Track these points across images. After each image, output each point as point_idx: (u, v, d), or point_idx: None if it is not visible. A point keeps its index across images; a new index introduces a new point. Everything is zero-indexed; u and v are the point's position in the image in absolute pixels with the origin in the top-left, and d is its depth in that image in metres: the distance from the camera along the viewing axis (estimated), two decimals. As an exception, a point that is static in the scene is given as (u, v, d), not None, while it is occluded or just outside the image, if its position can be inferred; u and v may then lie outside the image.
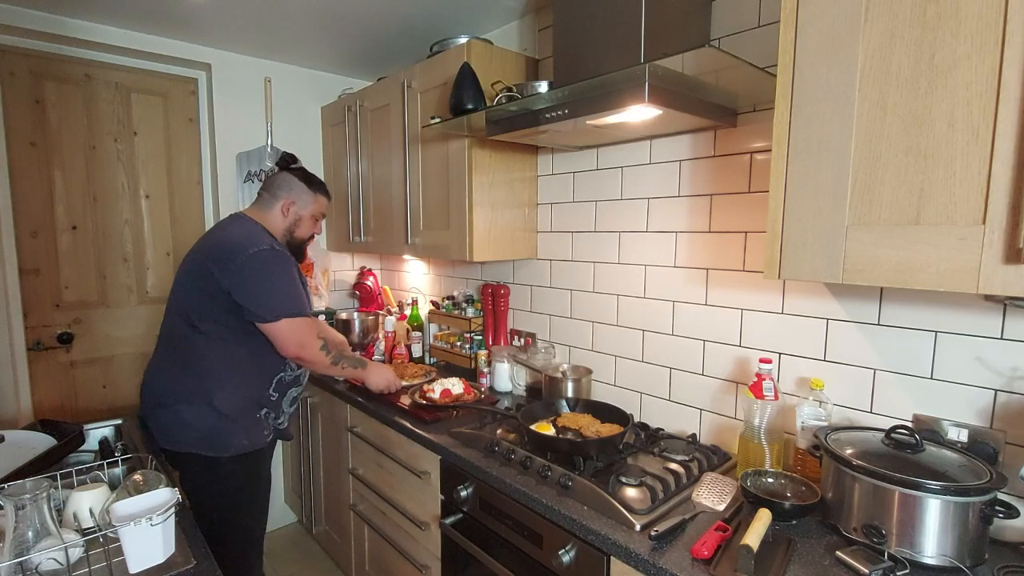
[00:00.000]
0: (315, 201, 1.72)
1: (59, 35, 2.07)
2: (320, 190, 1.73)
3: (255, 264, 1.48)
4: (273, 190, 1.67)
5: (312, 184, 1.72)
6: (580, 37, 1.42)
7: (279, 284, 1.52)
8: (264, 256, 1.50)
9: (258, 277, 1.49)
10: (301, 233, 1.72)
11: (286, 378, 1.68)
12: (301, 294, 1.58)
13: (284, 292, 1.52)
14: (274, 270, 1.51)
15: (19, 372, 2.06)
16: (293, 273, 1.57)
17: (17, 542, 0.90)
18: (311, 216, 1.72)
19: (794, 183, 1.00)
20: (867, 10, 0.89)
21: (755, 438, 1.29)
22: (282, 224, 1.67)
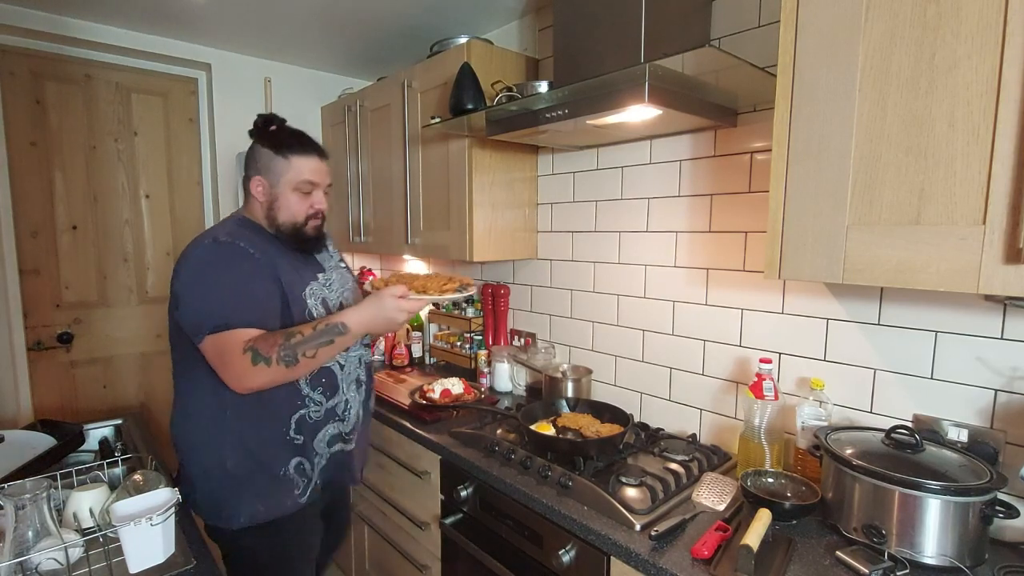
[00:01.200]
0: (289, 167, 1.26)
1: (59, 35, 2.07)
2: (295, 150, 1.27)
3: (183, 266, 1.18)
4: (245, 168, 1.32)
5: (281, 147, 1.26)
6: (580, 37, 1.42)
7: (202, 289, 1.15)
8: (195, 255, 1.18)
9: (183, 282, 1.16)
10: (285, 215, 1.28)
11: (311, 415, 1.28)
12: (238, 296, 1.16)
13: (208, 297, 1.14)
14: (203, 269, 1.16)
15: (19, 372, 2.06)
16: (233, 269, 1.17)
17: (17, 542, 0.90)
18: (291, 188, 1.27)
19: (794, 183, 1.00)
20: (867, 10, 0.89)
21: (755, 438, 1.29)
22: (260, 208, 1.30)
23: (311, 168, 1.29)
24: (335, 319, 1.20)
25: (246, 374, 1.12)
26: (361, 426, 1.43)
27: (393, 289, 1.24)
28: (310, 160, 1.29)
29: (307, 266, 1.34)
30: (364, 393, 1.44)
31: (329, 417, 1.32)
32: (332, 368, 1.32)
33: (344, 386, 1.35)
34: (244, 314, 1.15)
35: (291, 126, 1.33)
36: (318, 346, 1.18)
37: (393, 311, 1.23)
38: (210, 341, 1.13)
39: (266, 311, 1.19)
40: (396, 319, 1.24)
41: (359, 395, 1.41)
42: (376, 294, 1.24)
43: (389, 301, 1.23)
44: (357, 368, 1.40)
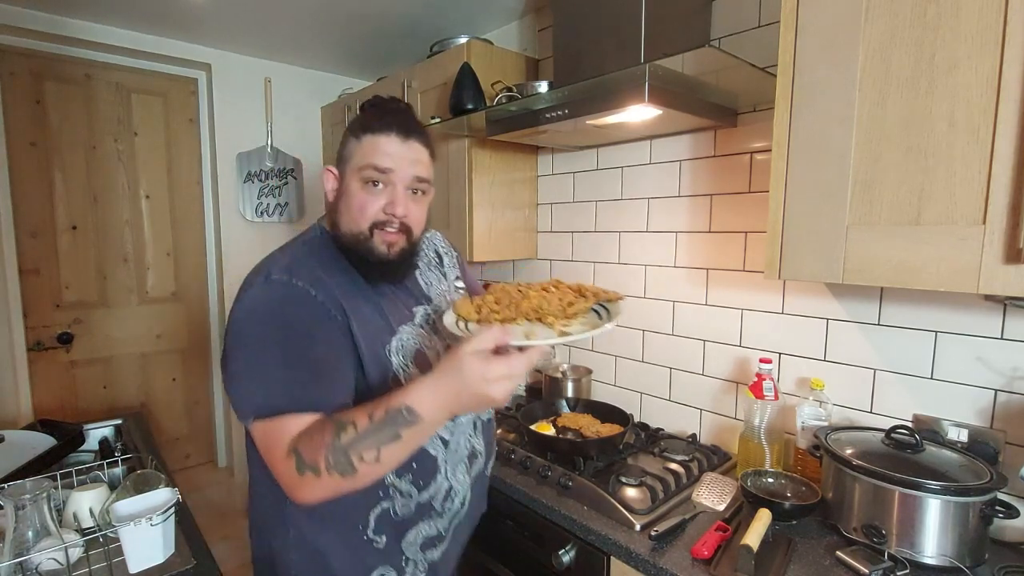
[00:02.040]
0: (358, 147, 0.88)
1: (59, 35, 2.07)
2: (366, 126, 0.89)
3: (232, 317, 0.84)
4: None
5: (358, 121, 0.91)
6: (580, 37, 1.42)
7: (244, 355, 0.81)
8: (245, 301, 0.83)
9: (228, 341, 0.83)
10: (346, 220, 0.89)
11: (396, 510, 0.91)
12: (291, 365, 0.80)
13: (250, 368, 0.80)
14: (247, 324, 0.82)
15: (19, 372, 2.06)
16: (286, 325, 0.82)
17: (17, 542, 0.90)
18: (359, 177, 0.88)
19: (794, 183, 1.00)
20: (867, 10, 0.89)
21: (755, 438, 1.29)
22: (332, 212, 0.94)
23: (383, 148, 0.86)
24: (397, 400, 0.74)
25: (294, 486, 0.76)
26: (466, 517, 1.02)
27: (478, 341, 0.72)
28: (383, 138, 0.87)
29: (398, 300, 0.95)
30: (479, 467, 1.03)
31: (422, 513, 0.93)
32: (428, 447, 0.92)
33: (448, 469, 0.95)
34: (298, 393, 0.78)
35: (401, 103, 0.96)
36: (379, 445, 0.74)
37: (479, 382, 0.70)
38: (256, 430, 0.80)
39: (332, 384, 0.82)
40: (490, 395, 0.71)
41: (469, 476, 0.99)
42: (453, 356, 0.73)
43: (471, 366, 0.70)
44: (470, 439, 0.99)
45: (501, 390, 0.71)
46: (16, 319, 2.04)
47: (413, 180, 0.90)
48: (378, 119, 0.89)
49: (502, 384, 0.71)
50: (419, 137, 0.91)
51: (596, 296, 0.86)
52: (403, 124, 0.89)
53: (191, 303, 2.57)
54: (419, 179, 0.91)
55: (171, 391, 2.54)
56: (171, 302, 2.51)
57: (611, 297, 0.87)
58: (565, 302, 0.83)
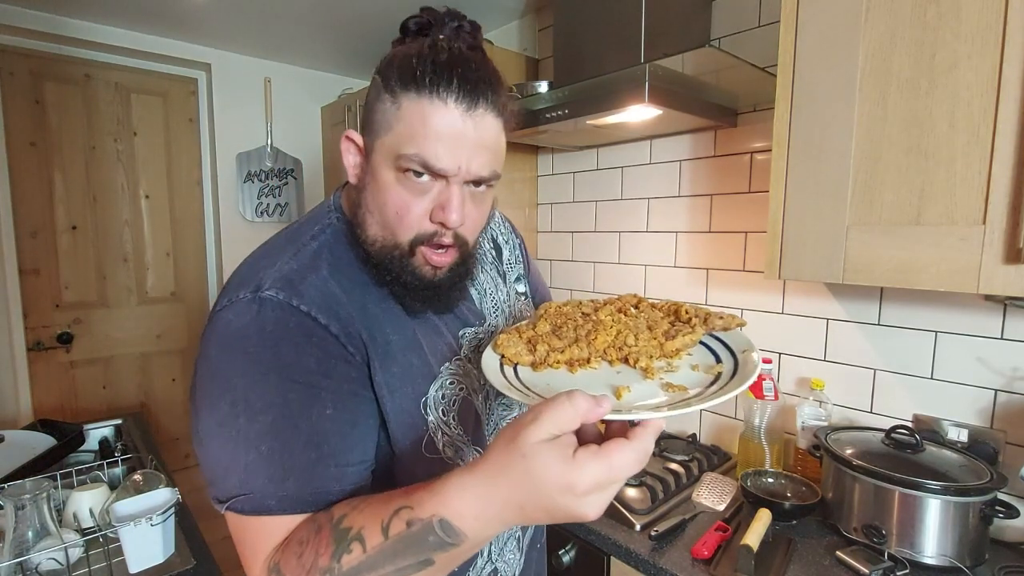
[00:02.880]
0: (396, 118, 0.56)
1: (59, 35, 2.07)
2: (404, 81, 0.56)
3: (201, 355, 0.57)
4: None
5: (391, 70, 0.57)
6: (580, 37, 1.42)
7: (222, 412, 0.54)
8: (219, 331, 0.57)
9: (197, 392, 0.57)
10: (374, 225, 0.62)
11: None
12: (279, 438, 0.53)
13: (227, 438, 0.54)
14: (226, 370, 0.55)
15: (19, 372, 2.06)
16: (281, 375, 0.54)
17: (17, 542, 0.90)
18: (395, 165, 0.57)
19: (794, 183, 1.00)
20: (867, 10, 0.89)
21: (755, 438, 1.29)
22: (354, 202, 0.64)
23: (441, 128, 0.55)
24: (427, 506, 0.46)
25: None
26: None
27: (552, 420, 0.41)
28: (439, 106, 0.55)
29: (441, 326, 0.68)
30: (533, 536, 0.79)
31: None
32: None
33: (493, 550, 0.72)
34: (290, 484, 0.53)
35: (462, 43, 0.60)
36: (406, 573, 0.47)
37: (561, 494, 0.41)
38: (229, 520, 0.55)
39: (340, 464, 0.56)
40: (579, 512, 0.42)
41: (521, 551, 0.76)
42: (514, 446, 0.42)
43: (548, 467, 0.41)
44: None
45: (596, 504, 0.43)
46: (16, 319, 2.04)
47: (477, 175, 0.58)
48: (434, 73, 0.55)
49: (597, 496, 0.42)
50: (490, 104, 0.57)
51: (706, 323, 0.57)
52: (469, 82, 0.55)
53: (191, 303, 2.57)
54: (488, 177, 0.60)
55: (171, 391, 2.54)
56: (171, 302, 2.51)
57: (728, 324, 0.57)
58: (659, 332, 0.56)
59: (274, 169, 2.61)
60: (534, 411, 0.42)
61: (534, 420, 0.42)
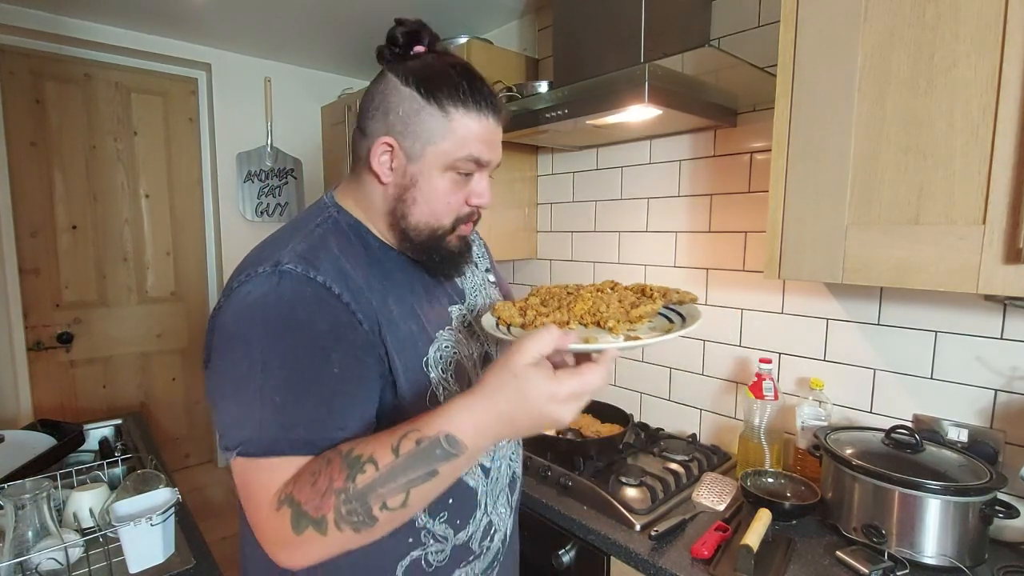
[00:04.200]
0: (448, 130, 0.70)
1: (59, 35, 2.07)
2: (454, 99, 0.70)
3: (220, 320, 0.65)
4: (362, 117, 0.75)
5: (437, 87, 0.70)
6: (580, 37, 1.42)
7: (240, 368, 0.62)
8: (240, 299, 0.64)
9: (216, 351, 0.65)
10: (423, 213, 0.73)
11: (429, 558, 0.74)
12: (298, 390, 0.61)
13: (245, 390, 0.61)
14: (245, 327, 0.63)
15: (19, 372, 2.06)
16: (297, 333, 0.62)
17: (17, 542, 0.90)
18: (443, 168, 0.71)
19: (794, 183, 1.00)
20: (867, 10, 0.89)
21: (755, 438, 1.29)
22: (382, 198, 0.74)
23: (483, 135, 0.71)
24: (433, 427, 0.57)
25: (284, 545, 0.59)
26: (508, 553, 0.87)
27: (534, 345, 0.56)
28: (482, 120, 0.71)
29: (434, 299, 0.78)
30: (518, 495, 0.90)
31: (458, 559, 0.77)
32: (467, 479, 0.76)
33: (488, 502, 0.80)
34: (302, 430, 0.60)
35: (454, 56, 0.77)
36: (408, 487, 0.57)
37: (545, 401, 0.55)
38: (236, 466, 0.61)
39: (347, 418, 0.64)
40: (557, 416, 0.56)
41: (509, 506, 0.85)
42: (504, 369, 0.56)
43: (535, 382, 0.55)
44: (511, 463, 0.86)
45: (571, 410, 0.56)
46: (16, 319, 2.04)
47: (497, 163, 0.76)
48: (473, 92, 0.71)
49: (573, 404, 0.56)
50: (505, 114, 0.76)
51: (665, 296, 0.70)
52: (497, 103, 0.73)
53: (191, 303, 2.57)
54: (497, 165, 0.77)
55: (171, 391, 2.54)
56: (171, 302, 2.52)
57: (683, 298, 0.70)
58: (627, 303, 0.69)
59: (274, 169, 2.61)
60: (517, 343, 0.56)
61: (519, 349, 0.56)
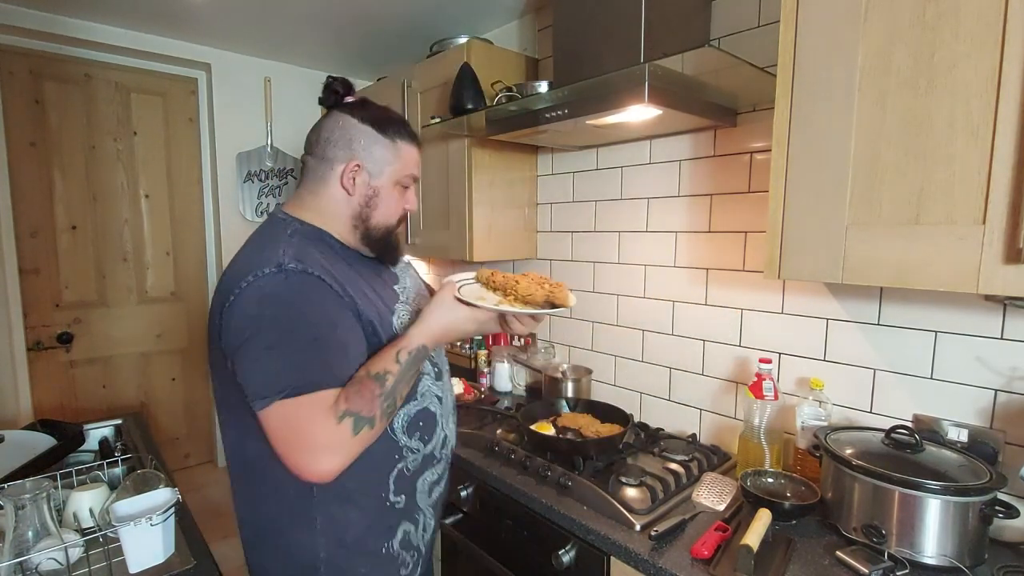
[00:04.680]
0: (397, 156, 0.98)
1: (59, 35, 2.07)
2: (402, 134, 0.99)
3: (240, 307, 0.82)
4: (322, 147, 0.97)
5: (386, 127, 0.97)
6: (580, 37, 1.42)
7: (273, 336, 0.81)
8: (255, 290, 0.82)
9: (242, 329, 0.82)
10: (381, 217, 0.99)
11: (408, 467, 0.98)
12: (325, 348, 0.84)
13: (286, 351, 0.81)
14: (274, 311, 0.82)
15: (19, 372, 2.06)
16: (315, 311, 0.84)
17: (17, 542, 0.90)
18: (394, 183, 0.99)
19: (794, 183, 1.00)
20: (867, 10, 0.89)
21: (755, 438, 1.29)
22: (348, 207, 0.97)
23: (416, 159, 1.02)
24: (414, 342, 0.89)
25: (340, 448, 0.79)
26: (451, 455, 1.13)
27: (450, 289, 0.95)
28: (415, 149, 1.02)
29: (384, 282, 1.03)
30: (456, 416, 1.18)
31: (426, 464, 1.01)
32: (429, 406, 1.01)
33: (443, 421, 1.06)
34: (336, 370, 0.83)
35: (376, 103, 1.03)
36: (408, 383, 0.89)
37: (465, 321, 0.93)
38: (279, 409, 0.78)
39: (355, 364, 0.86)
40: (469, 329, 0.95)
41: (453, 422, 1.13)
42: (446, 300, 0.93)
43: (462, 309, 0.93)
44: (451, 395, 1.13)
45: (475, 327, 0.95)
46: (16, 319, 2.04)
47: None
48: (403, 126, 1.00)
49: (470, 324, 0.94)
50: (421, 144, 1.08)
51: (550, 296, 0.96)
52: (418, 135, 1.04)
53: (191, 303, 2.57)
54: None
55: (171, 391, 2.54)
56: (171, 302, 2.52)
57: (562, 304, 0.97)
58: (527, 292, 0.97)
59: (274, 169, 2.61)
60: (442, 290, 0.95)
61: (440, 293, 0.95)
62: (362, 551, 0.94)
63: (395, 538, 0.98)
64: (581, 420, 1.51)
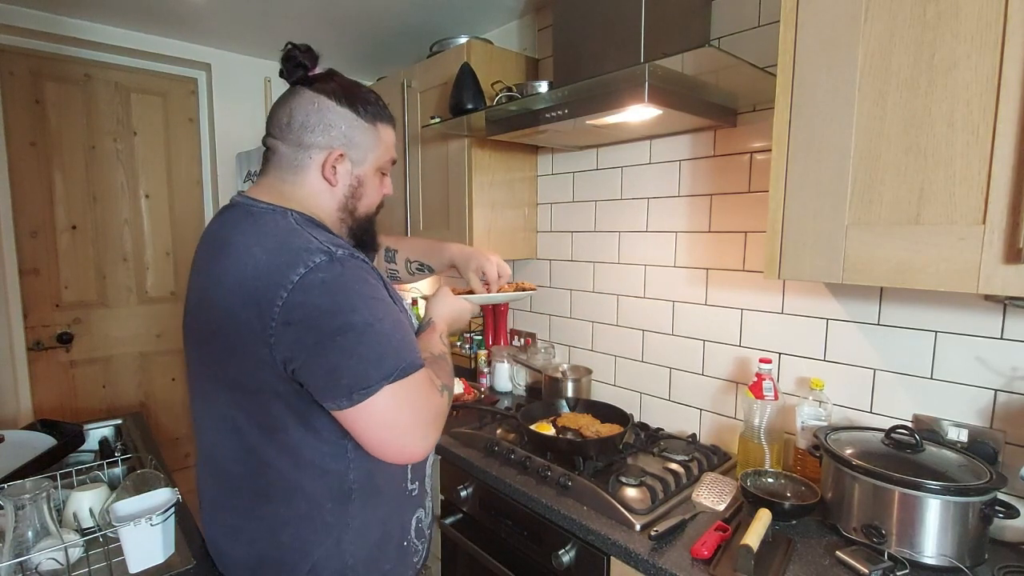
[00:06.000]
0: (379, 140, 0.92)
1: (59, 35, 2.07)
2: (379, 115, 0.92)
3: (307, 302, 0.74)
4: (297, 132, 0.87)
5: (363, 106, 0.90)
6: (580, 37, 1.42)
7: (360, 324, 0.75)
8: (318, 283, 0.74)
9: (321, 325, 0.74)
10: (366, 205, 0.96)
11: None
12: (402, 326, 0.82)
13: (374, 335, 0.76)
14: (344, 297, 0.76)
15: (19, 372, 2.06)
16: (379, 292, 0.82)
17: (17, 542, 0.90)
18: (376, 169, 0.94)
19: (794, 183, 1.00)
20: (867, 10, 0.89)
21: (755, 438, 1.29)
22: (332, 199, 0.90)
23: (394, 140, 0.98)
24: (439, 328, 1.03)
25: (442, 420, 0.85)
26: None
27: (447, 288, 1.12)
28: (392, 129, 0.97)
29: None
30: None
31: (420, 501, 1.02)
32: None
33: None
34: (417, 351, 0.83)
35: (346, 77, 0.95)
36: (444, 360, 0.97)
37: (463, 311, 1.10)
38: (390, 394, 0.76)
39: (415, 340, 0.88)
40: (466, 318, 1.12)
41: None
42: (450, 297, 1.09)
43: (459, 301, 1.09)
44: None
45: (470, 315, 1.12)
46: (16, 319, 2.04)
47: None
48: (381, 107, 0.94)
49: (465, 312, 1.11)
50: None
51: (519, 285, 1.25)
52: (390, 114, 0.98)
53: (191, 303, 2.57)
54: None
55: (171, 391, 2.54)
56: (170, 302, 2.52)
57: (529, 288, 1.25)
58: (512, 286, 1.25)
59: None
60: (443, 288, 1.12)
61: (442, 290, 1.11)
62: (387, 547, 0.92)
63: (411, 528, 0.97)
64: (581, 420, 1.51)
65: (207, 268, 0.84)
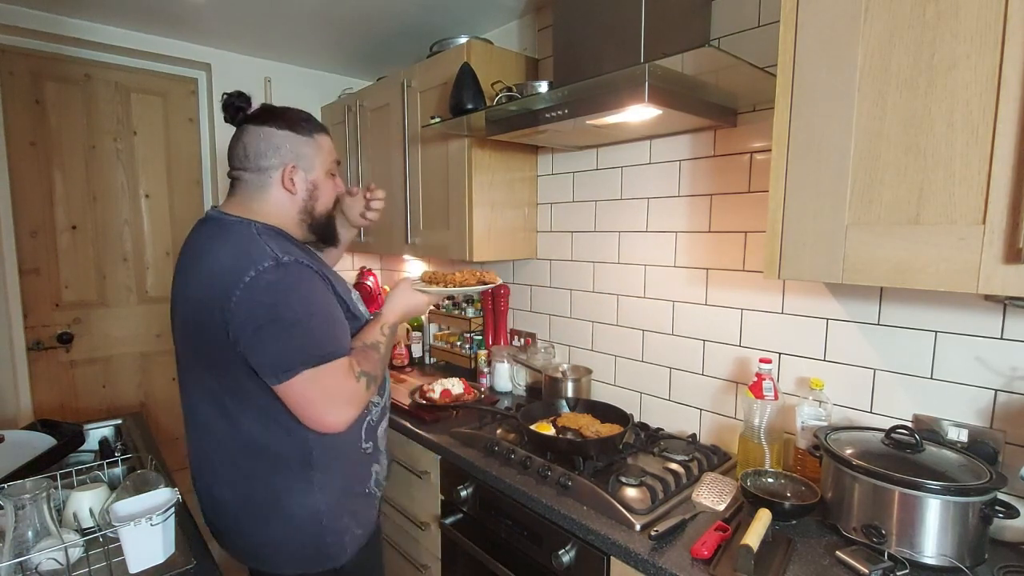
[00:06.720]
0: (319, 148, 1.13)
1: (59, 35, 2.07)
2: (314, 127, 1.13)
3: (252, 299, 0.94)
4: (254, 160, 1.08)
5: (298, 125, 1.10)
6: (580, 37, 1.42)
7: (291, 317, 0.96)
8: (262, 283, 0.95)
9: (259, 316, 0.94)
10: (323, 206, 1.16)
11: (374, 418, 1.20)
12: (331, 322, 1.04)
13: (301, 328, 0.97)
14: (283, 297, 0.96)
15: (19, 372, 2.06)
16: (315, 293, 1.02)
17: (17, 542, 0.90)
18: (326, 172, 1.14)
19: (794, 183, 1.00)
20: (867, 10, 0.89)
21: (755, 438, 1.29)
22: (293, 205, 1.11)
23: (332, 145, 1.17)
24: (389, 319, 1.18)
25: (358, 401, 1.03)
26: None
27: (407, 280, 1.29)
28: (328, 137, 1.17)
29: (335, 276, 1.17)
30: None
31: (383, 414, 1.24)
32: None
33: (386, 376, 1.28)
34: (342, 341, 1.04)
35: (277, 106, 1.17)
36: (391, 349, 1.19)
37: (419, 304, 1.27)
38: (308, 377, 0.96)
39: (348, 336, 1.09)
40: (420, 309, 1.28)
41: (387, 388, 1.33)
42: (407, 288, 1.26)
43: (415, 295, 1.26)
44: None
45: (426, 307, 1.29)
46: (16, 319, 2.04)
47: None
48: (310, 123, 1.13)
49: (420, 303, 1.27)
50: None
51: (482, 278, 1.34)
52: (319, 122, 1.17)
53: (191, 303, 2.57)
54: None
55: (171, 391, 2.54)
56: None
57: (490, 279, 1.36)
58: (463, 280, 1.33)
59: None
60: (402, 281, 1.29)
61: (401, 283, 1.28)
62: (351, 494, 1.15)
63: (371, 480, 1.20)
64: (581, 420, 1.51)
65: (186, 269, 1.08)
